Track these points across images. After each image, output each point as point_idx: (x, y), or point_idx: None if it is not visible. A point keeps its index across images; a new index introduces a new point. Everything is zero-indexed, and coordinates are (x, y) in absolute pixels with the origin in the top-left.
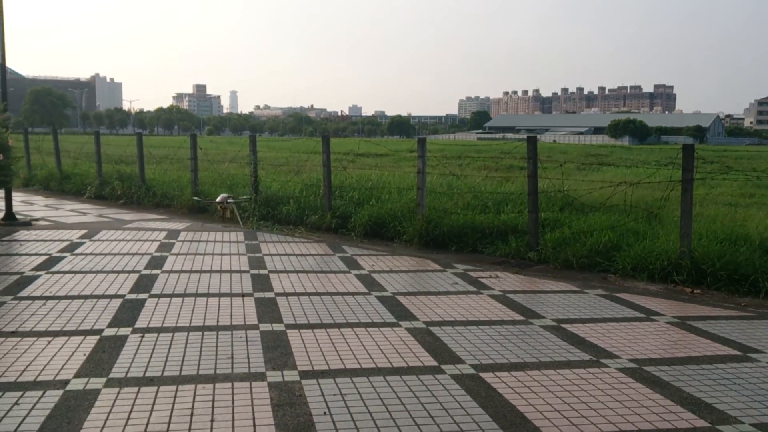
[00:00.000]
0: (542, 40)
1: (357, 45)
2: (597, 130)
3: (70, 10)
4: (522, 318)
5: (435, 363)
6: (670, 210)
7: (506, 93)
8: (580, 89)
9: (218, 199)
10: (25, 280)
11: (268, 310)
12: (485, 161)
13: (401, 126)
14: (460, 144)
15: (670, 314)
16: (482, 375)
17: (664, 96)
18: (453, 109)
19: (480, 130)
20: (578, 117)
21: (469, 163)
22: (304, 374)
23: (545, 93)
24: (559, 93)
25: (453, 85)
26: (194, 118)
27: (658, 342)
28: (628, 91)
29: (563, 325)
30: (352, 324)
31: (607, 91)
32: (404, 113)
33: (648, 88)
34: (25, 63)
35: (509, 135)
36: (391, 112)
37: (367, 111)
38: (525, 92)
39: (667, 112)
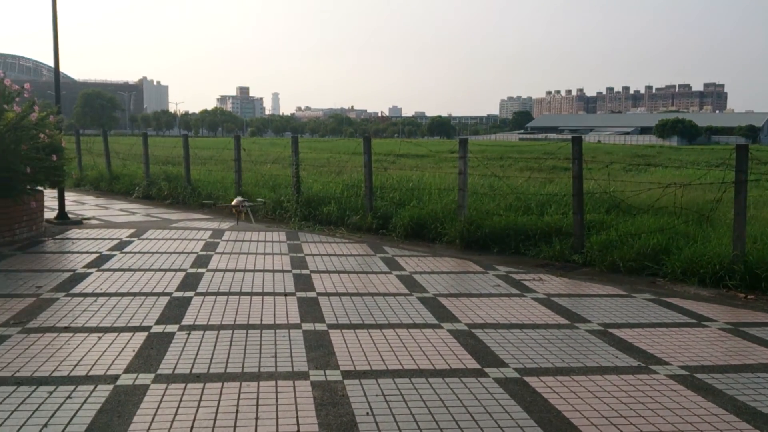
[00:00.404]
0: (587, 39)
1: (398, 46)
2: (644, 130)
3: (119, 17)
4: (567, 322)
5: (478, 366)
6: (723, 212)
7: (549, 93)
8: (626, 88)
9: (233, 203)
10: (77, 277)
11: (310, 309)
12: (527, 162)
13: (441, 127)
14: (501, 144)
15: (722, 320)
16: (526, 379)
17: (714, 95)
18: (494, 110)
19: (522, 131)
20: (624, 117)
21: (511, 164)
22: (347, 374)
23: (590, 92)
24: (604, 92)
25: (494, 85)
26: (237, 120)
27: (711, 349)
28: (677, 90)
29: (610, 330)
30: (394, 325)
31: (654, 90)
32: (444, 114)
33: (698, 87)
34: (76, 67)
35: (552, 135)
36: (431, 112)
37: (407, 112)
38: (569, 92)
39: (717, 112)
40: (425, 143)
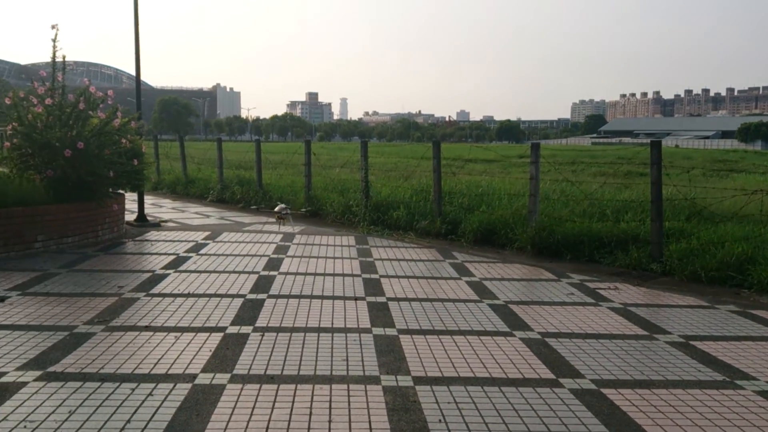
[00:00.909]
0: (664, 39)
1: (466, 50)
2: (725, 134)
3: (194, 25)
4: (645, 333)
5: (552, 376)
6: None
7: (623, 95)
8: (706, 91)
9: (276, 209)
10: (156, 278)
11: (380, 314)
12: (601, 167)
13: (510, 131)
14: (572, 149)
15: None
16: (604, 391)
17: None
18: (565, 113)
19: (594, 135)
20: (703, 120)
21: (584, 168)
22: (418, 380)
23: (666, 95)
24: (682, 95)
25: (565, 88)
26: (306, 125)
27: None
28: (761, 92)
29: (692, 342)
30: (465, 332)
31: (736, 93)
32: (513, 118)
33: None
34: (154, 74)
35: (626, 139)
36: (499, 116)
37: (476, 116)
38: (644, 94)
39: None
40: (494, 148)
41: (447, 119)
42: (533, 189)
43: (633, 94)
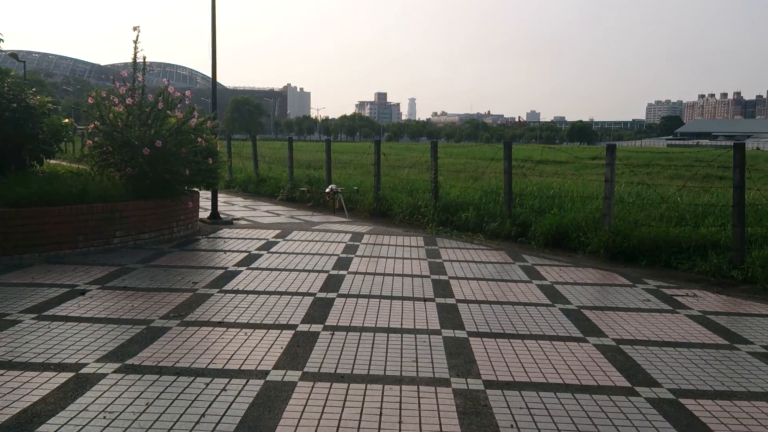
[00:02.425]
0: (745, 39)
1: (537, 49)
2: None
3: (267, 27)
4: (726, 342)
5: (628, 384)
6: None
7: (702, 96)
8: None
9: (327, 190)
10: (229, 275)
11: (449, 316)
12: (677, 170)
13: (582, 132)
14: (647, 151)
15: None
16: (682, 401)
17: None
18: (640, 114)
19: (670, 137)
20: None
21: (659, 171)
22: (489, 384)
23: (748, 96)
24: (765, 96)
25: (640, 89)
26: (375, 125)
27: None
28: None
29: None
30: (536, 336)
31: None
32: (585, 118)
33: None
34: (227, 75)
35: (704, 141)
36: (571, 117)
37: (546, 116)
38: (724, 95)
39: None
40: (566, 149)
41: (517, 120)
42: (608, 192)
43: (712, 95)
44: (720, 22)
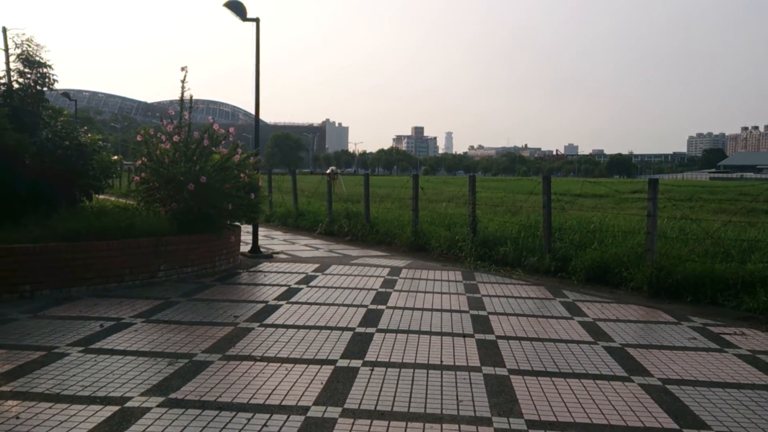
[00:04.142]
0: None
1: (573, 82)
2: None
3: (306, 62)
4: None
5: (676, 426)
6: None
7: (745, 128)
8: None
9: (328, 171)
10: (269, 309)
11: (489, 352)
12: (721, 203)
13: (621, 165)
14: (689, 184)
15: None
16: None
17: None
18: (681, 147)
19: (713, 169)
20: None
21: (702, 205)
22: (531, 424)
23: None
24: None
25: (681, 121)
26: (412, 159)
27: None
28: None
29: None
30: (579, 375)
31: None
32: (624, 151)
33: None
34: (267, 110)
35: (748, 174)
36: (610, 150)
37: (584, 149)
38: None
39: None
40: (605, 182)
41: (555, 153)
42: (650, 226)
43: (756, 127)
44: (763, 54)
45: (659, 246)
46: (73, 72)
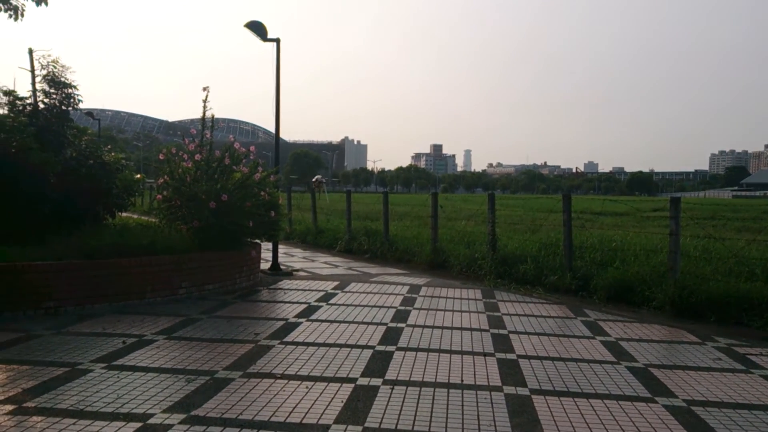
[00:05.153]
0: None
1: (594, 99)
2: None
3: (325, 81)
4: None
5: None
6: None
7: None
8: None
9: (314, 179)
10: (289, 326)
11: (510, 372)
12: (744, 222)
13: (642, 183)
14: (712, 202)
15: None
16: None
17: None
18: (702, 165)
19: (736, 187)
20: None
21: (725, 223)
22: None
23: None
24: None
25: (702, 138)
26: (430, 177)
27: None
28: None
29: None
30: (602, 395)
31: None
32: (645, 169)
33: None
34: (286, 129)
35: None
36: (630, 167)
37: (605, 167)
38: None
39: None
40: (626, 200)
41: (574, 170)
42: (673, 245)
43: None
44: None
45: (682, 265)
46: (95, 90)
